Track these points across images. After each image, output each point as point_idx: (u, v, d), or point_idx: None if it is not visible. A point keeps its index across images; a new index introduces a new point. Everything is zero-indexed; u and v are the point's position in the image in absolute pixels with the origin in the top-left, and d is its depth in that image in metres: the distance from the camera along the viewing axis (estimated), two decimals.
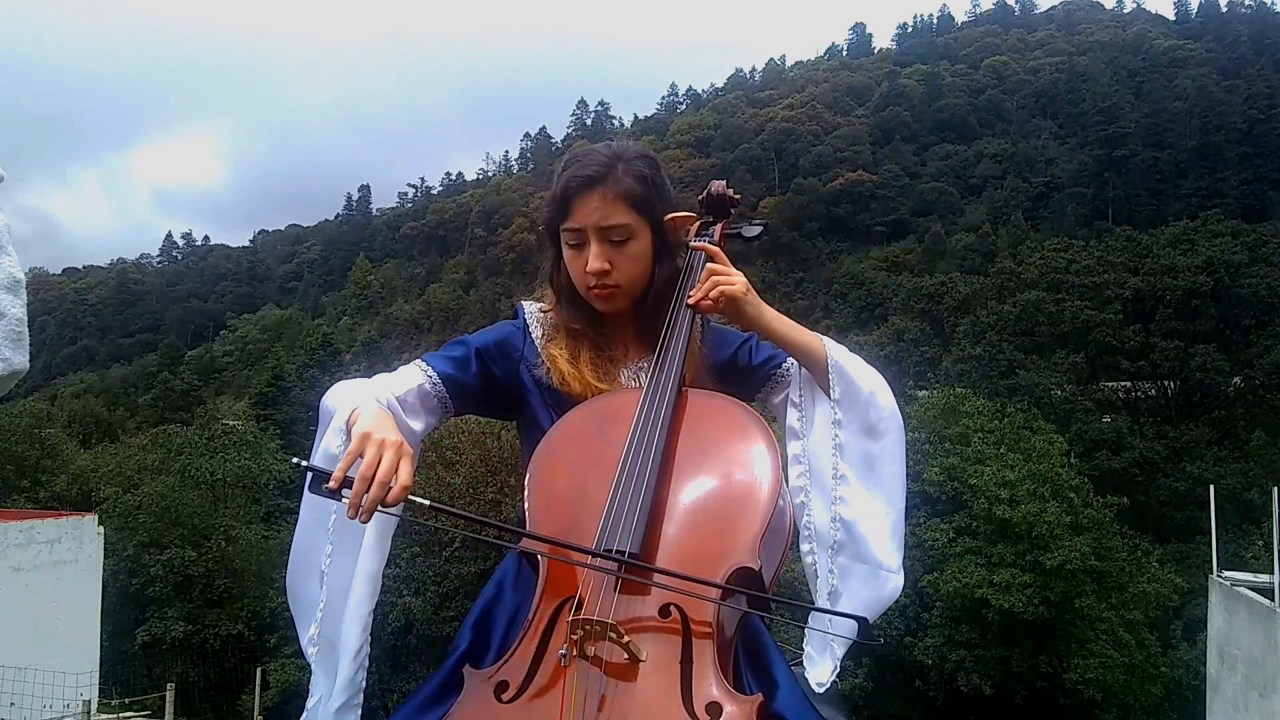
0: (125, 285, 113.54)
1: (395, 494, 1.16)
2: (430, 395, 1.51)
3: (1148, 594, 18.10)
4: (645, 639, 1.17)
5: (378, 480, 1.15)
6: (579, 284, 1.54)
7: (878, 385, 1.54)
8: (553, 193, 1.52)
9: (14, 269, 1.59)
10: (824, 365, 1.52)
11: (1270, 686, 7.30)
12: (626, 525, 1.26)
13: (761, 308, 1.53)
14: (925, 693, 16.54)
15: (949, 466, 17.50)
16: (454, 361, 1.54)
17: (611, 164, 1.49)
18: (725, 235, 1.73)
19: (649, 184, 1.51)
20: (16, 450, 27.15)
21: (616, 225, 1.49)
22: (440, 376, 1.52)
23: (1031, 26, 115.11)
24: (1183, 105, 74.37)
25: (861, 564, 1.48)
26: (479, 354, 1.55)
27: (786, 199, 79.50)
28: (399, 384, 1.48)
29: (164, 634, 20.62)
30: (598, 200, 1.47)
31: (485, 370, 1.56)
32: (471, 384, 1.54)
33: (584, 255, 1.50)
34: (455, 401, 1.54)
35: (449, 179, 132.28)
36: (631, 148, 1.55)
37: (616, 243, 1.50)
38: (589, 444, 1.42)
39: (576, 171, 1.49)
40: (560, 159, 1.59)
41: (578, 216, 1.49)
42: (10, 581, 10.09)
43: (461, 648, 1.39)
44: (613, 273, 1.50)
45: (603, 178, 1.48)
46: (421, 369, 1.52)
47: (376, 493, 1.14)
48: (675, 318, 1.53)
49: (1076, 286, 30.74)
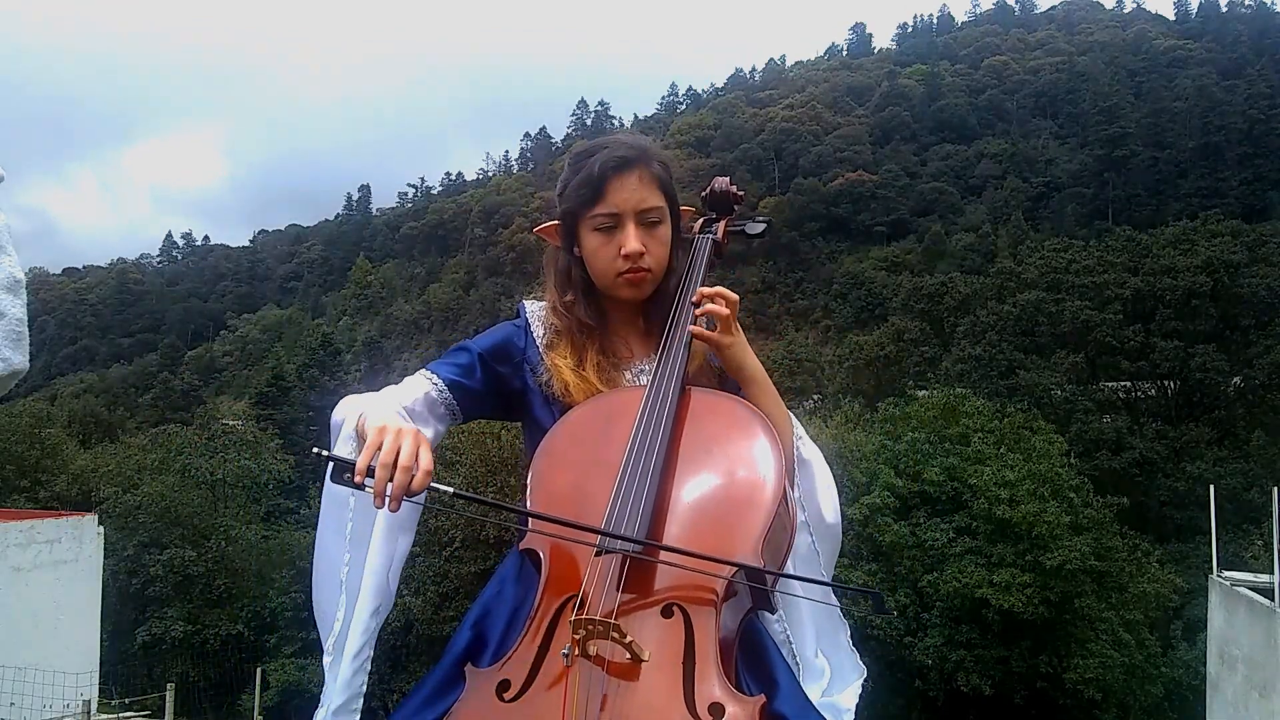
0: (125, 285, 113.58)
1: (420, 479, 1.16)
2: (437, 403, 1.50)
3: (1148, 594, 18.09)
4: (648, 639, 1.17)
5: (401, 466, 1.15)
6: (606, 270, 1.52)
7: (830, 500, 1.55)
8: (582, 178, 1.49)
9: (14, 269, 1.59)
10: (790, 456, 1.50)
11: (1270, 686, 7.30)
12: (630, 523, 1.26)
13: (747, 351, 1.52)
14: (925, 693, 16.53)
15: (949, 466, 17.49)
16: (459, 368, 1.53)
17: (642, 149, 1.51)
18: (729, 232, 1.72)
19: (670, 173, 1.55)
20: (16, 450, 27.15)
21: (653, 208, 1.50)
22: (446, 383, 1.51)
23: (1031, 26, 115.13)
24: (1183, 105, 74.41)
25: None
26: (483, 359, 1.55)
27: (786, 199, 79.52)
28: (405, 394, 1.47)
29: (164, 634, 20.60)
30: (635, 181, 1.48)
31: (490, 375, 1.55)
32: (477, 389, 1.53)
33: (615, 240, 1.49)
34: (463, 407, 1.53)
35: (449, 179, 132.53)
36: (647, 140, 1.58)
37: (650, 225, 1.50)
38: (591, 442, 1.42)
39: (610, 154, 1.48)
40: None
41: (614, 200, 1.48)
42: (10, 581, 10.08)
43: (460, 646, 1.39)
44: (645, 255, 1.50)
45: (637, 160, 1.49)
46: (427, 377, 1.51)
47: (401, 478, 1.14)
48: (678, 315, 1.52)
49: (1076, 286, 30.70)
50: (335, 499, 1.43)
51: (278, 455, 25.66)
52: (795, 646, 1.43)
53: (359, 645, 1.39)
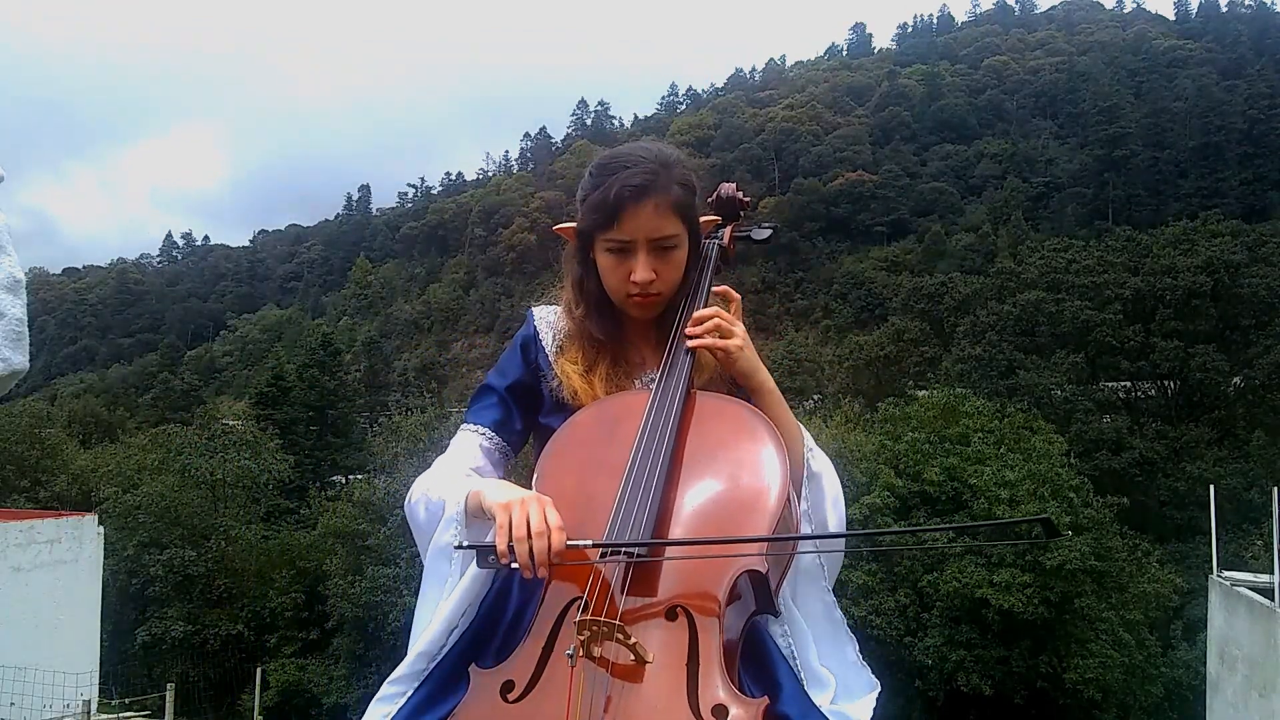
0: (125, 285, 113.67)
1: (556, 537, 1.22)
2: (493, 451, 1.55)
3: (1148, 594, 18.11)
4: (652, 640, 1.17)
5: (535, 532, 1.21)
6: (617, 292, 1.51)
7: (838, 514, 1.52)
8: (598, 200, 1.45)
9: (14, 269, 1.59)
10: (800, 466, 1.49)
11: (1270, 686, 7.30)
12: (634, 527, 1.26)
13: (757, 363, 1.51)
14: (925, 693, 16.54)
15: (949, 466, 17.50)
16: (496, 409, 1.57)
17: (658, 171, 1.45)
18: (734, 238, 1.72)
19: (691, 190, 1.50)
20: (16, 450, 27.18)
21: (667, 236, 1.47)
22: (492, 428, 1.56)
23: (1031, 26, 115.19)
24: (1183, 105, 74.47)
25: None
26: (511, 392, 1.58)
27: (786, 199, 79.54)
28: (467, 456, 1.52)
29: (164, 634, 20.62)
30: (650, 211, 1.44)
31: (523, 405, 1.59)
32: (518, 424, 1.58)
33: (627, 264, 1.48)
34: (512, 444, 1.58)
35: (449, 179, 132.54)
36: (671, 151, 1.52)
37: (663, 251, 1.48)
38: (597, 445, 1.42)
39: (626, 180, 1.43)
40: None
41: (627, 228, 1.45)
42: (10, 581, 10.08)
43: (463, 645, 1.38)
44: (656, 281, 1.48)
45: (653, 186, 1.44)
46: (473, 430, 1.56)
47: (540, 543, 1.20)
48: (684, 320, 1.52)
49: (1076, 286, 30.70)
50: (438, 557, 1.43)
51: (278, 455, 25.68)
52: (799, 655, 1.42)
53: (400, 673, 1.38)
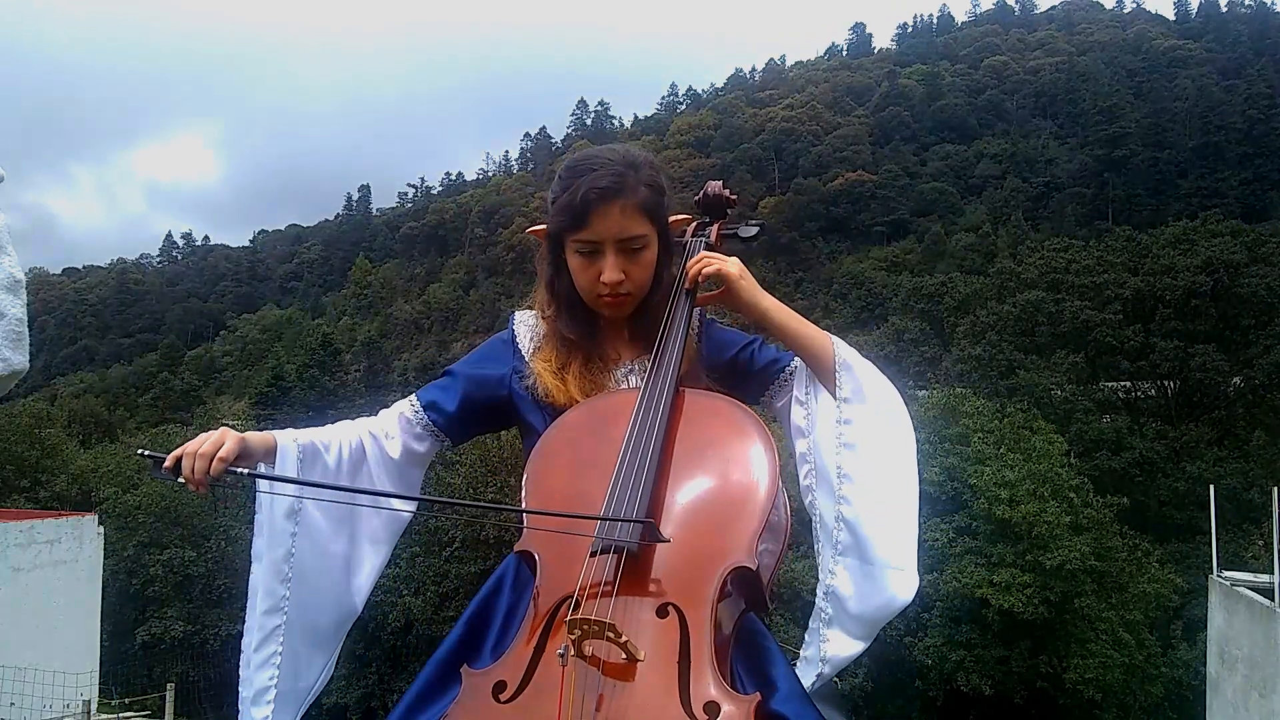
0: (125, 285, 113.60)
1: (216, 466, 1.34)
2: (413, 422, 1.61)
3: (1148, 594, 18.09)
4: (643, 639, 1.17)
5: (200, 454, 1.34)
6: (587, 292, 1.54)
7: (885, 386, 1.52)
8: (565, 202, 1.48)
9: (14, 269, 1.60)
10: (830, 363, 1.50)
11: (1270, 686, 7.31)
12: (625, 524, 1.26)
13: (758, 292, 1.55)
14: (925, 693, 16.54)
15: (949, 466, 17.49)
16: (438, 389, 1.63)
17: (625, 172, 1.47)
18: (721, 236, 1.73)
19: (659, 191, 1.52)
20: (16, 450, 27.12)
21: (635, 236, 1.49)
22: (423, 405, 1.62)
23: (1031, 26, 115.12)
24: (1183, 105, 74.46)
25: (868, 564, 1.44)
26: (465, 378, 1.63)
27: (786, 199, 79.52)
28: (377, 418, 1.63)
29: (164, 634, 20.61)
30: (617, 213, 1.46)
31: (470, 391, 1.61)
32: (453, 408, 1.61)
33: (596, 265, 1.50)
34: (442, 425, 1.61)
35: (449, 179, 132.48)
36: (638, 153, 1.54)
37: (631, 252, 1.50)
38: (586, 444, 1.43)
39: (593, 182, 1.46)
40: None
41: (595, 229, 1.47)
42: (10, 581, 10.09)
43: (455, 645, 1.39)
44: (625, 281, 1.50)
45: (620, 189, 1.46)
46: (408, 400, 1.64)
47: (200, 464, 1.33)
48: (672, 317, 1.53)
49: (1076, 286, 30.66)
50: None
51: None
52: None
53: (257, 641, 1.52)
